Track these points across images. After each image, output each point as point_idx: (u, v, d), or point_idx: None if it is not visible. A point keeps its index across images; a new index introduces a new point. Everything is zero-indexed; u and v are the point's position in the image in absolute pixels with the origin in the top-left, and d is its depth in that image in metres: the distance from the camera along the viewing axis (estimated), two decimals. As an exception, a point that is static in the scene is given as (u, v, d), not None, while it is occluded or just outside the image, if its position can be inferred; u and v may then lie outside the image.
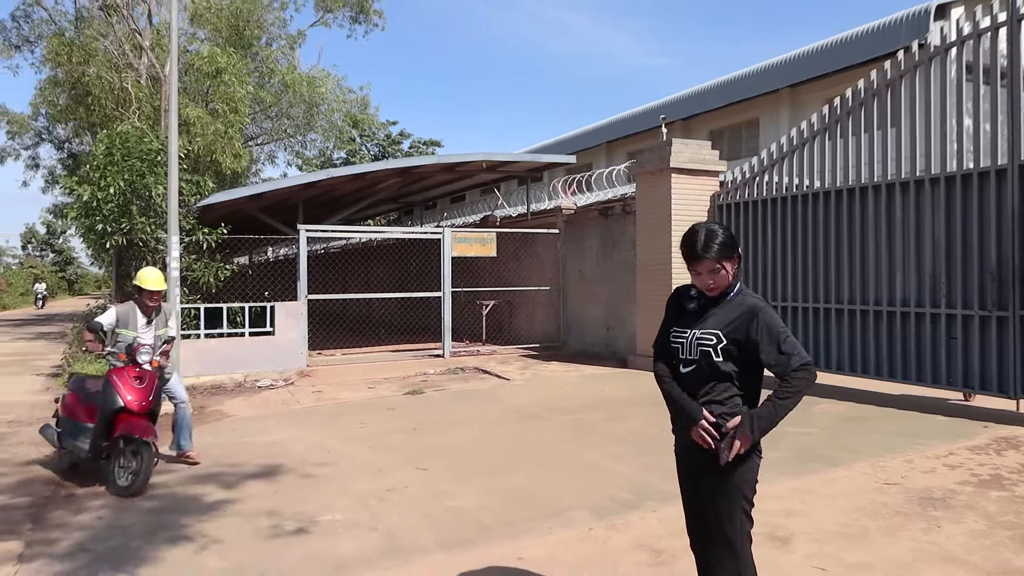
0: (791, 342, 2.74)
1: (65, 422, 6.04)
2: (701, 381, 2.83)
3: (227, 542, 4.49)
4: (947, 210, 8.05)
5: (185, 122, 15.81)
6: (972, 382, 7.75)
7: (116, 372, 5.74)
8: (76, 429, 5.87)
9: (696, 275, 2.87)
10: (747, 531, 2.83)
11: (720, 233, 2.82)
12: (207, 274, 11.46)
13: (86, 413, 5.89)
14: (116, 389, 5.63)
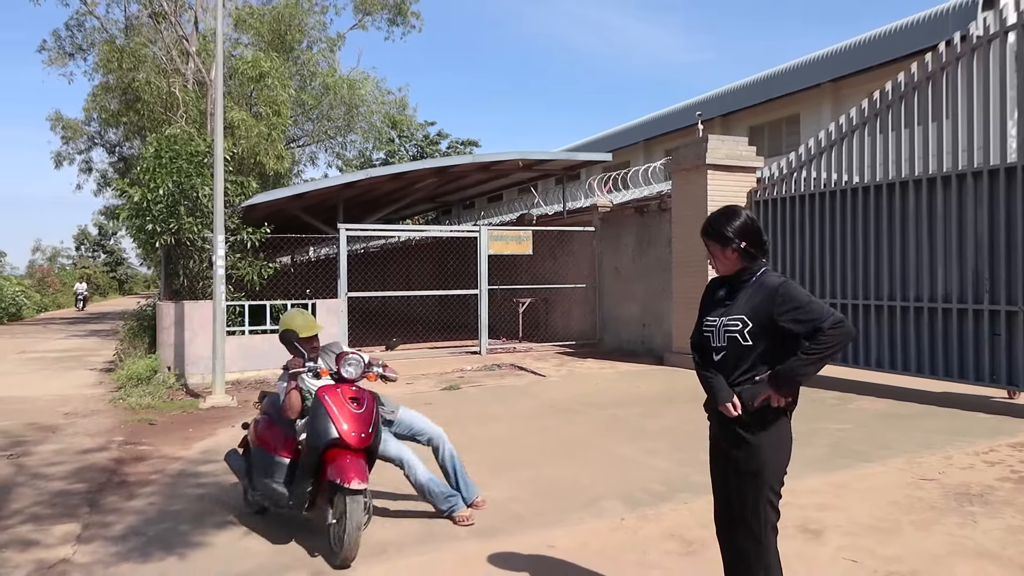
0: (816, 307, 2.72)
1: (258, 454, 4.64)
2: (732, 365, 2.86)
3: (271, 527, 4.67)
4: (990, 204, 7.90)
5: (230, 125, 16.24)
6: (1017, 379, 7.60)
7: (328, 391, 4.22)
8: (271, 465, 4.47)
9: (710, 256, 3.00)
10: (772, 522, 2.83)
11: (724, 219, 2.90)
12: (251, 272, 11.78)
13: (285, 444, 4.51)
14: (329, 414, 4.11)
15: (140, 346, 12.99)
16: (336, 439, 4.05)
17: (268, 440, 4.60)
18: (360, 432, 4.11)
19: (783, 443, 2.84)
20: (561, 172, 16.18)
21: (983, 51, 8.04)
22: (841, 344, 2.68)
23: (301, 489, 4.24)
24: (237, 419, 8.18)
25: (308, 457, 4.16)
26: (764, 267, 2.91)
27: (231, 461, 5.00)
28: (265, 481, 4.48)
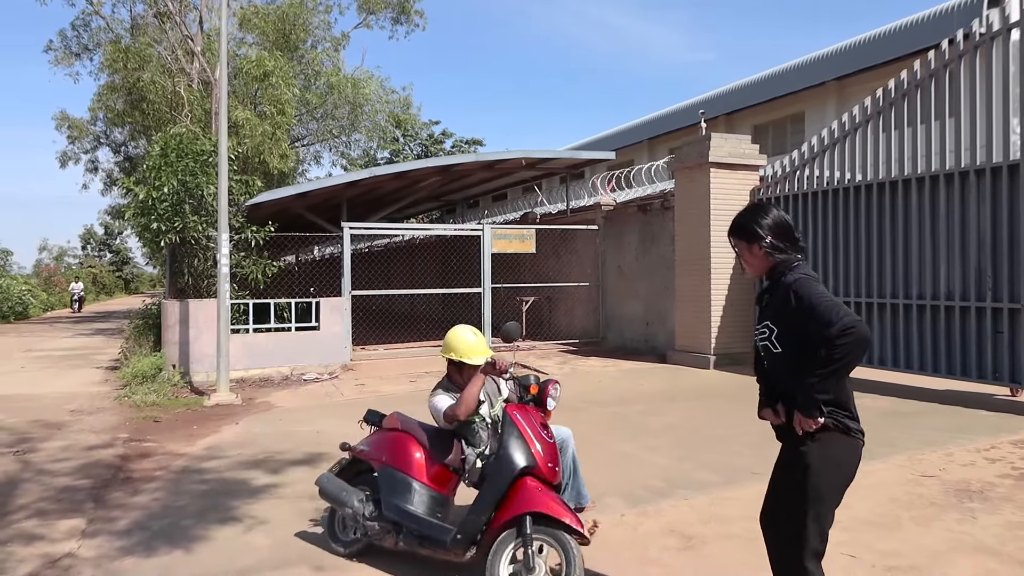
0: (828, 307, 2.48)
1: (385, 476, 3.93)
2: (775, 372, 2.73)
3: (273, 522, 4.72)
4: (993, 202, 7.89)
5: (234, 124, 16.31)
6: (1019, 377, 7.60)
7: (519, 411, 3.64)
8: (407, 492, 3.83)
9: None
10: (815, 548, 2.61)
11: (748, 214, 2.78)
12: (255, 271, 11.84)
13: (431, 470, 3.91)
14: (524, 436, 3.52)
15: (145, 344, 13.06)
16: (531, 466, 3.46)
17: (410, 459, 3.90)
18: (553, 463, 3.57)
19: (835, 462, 2.60)
20: (565, 171, 16.19)
21: (986, 48, 8.03)
22: (852, 356, 2.45)
23: (476, 521, 3.49)
24: (242, 417, 8.25)
25: (497, 483, 3.47)
26: (796, 264, 2.70)
27: (328, 486, 4.15)
28: (403, 507, 3.77)
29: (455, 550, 3.54)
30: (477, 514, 3.49)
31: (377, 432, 4.24)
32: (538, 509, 3.32)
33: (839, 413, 2.60)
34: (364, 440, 4.25)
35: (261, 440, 7.06)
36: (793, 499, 2.65)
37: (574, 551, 3.28)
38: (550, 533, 3.34)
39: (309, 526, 4.63)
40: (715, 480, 5.32)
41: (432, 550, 3.66)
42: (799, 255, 2.72)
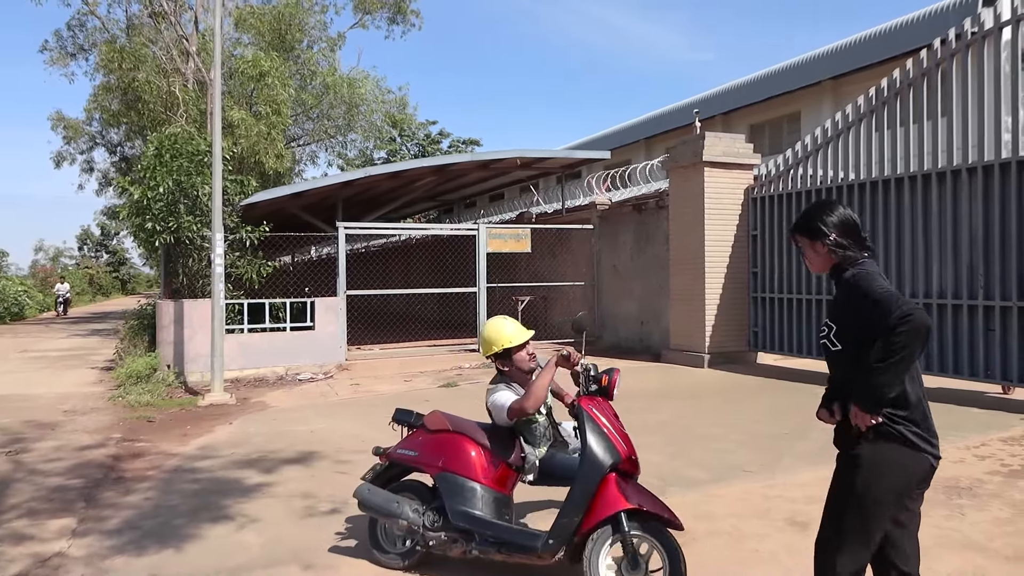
0: (883, 299, 2.40)
1: (447, 483, 3.69)
2: (836, 372, 2.67)
3: (265, 521, 4.73)
4: (984, 200, 7.91)
5: (230, 124, 16.31)
6: (1011, 375, 7.62)
7: (595, 404, 3.47)
8: (473, 497, 3.62)
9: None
10: (856, 559, 2.51)
11: (814, 210, 2.72)
12: (250, 271, 11.84)
13: (494, 471, 3.70)
14: (605, 431, 3.38)
15: (140, 344, 13.05)
16: (617, 461, 3.32)
17: (475, 466, 3.67)
18: (634, 454, 3.46)
19: (891, 463, 2.48)
20: (560, 170, 16.21)
21: (978, 47, 8.05)
22: (913, 345, 2.33)
23: (569, 524, 3.31)
24: (236, 416, 8.26)
25: (586, 483, 3.29)
26: (860, 261, 2.61)
27: (372, 497, 3.84)
28: (483, 518, 3.56)
29: (544, 555, 3.37)
30: (569, 516, 3.31)
31: (421, 434, 3.94)
32: (633, 506, 3.22)
33: (902, 421, 2.47)
34: (404, 443, 3.97)
35: (255, 439, 7.07)
36: (841, 500, 2.55)
37: (675, 547, 3.19)
38: (649, 529, 3.24)
39: (301, 523, 4.64)
40: (705, 478, 5.34)
41: (515, 555, 3.47)
42: (865, 254, 2.63)
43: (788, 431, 6.71)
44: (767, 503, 4.76)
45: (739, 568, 3.79)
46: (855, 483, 2.50)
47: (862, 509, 2.49)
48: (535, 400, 3.56)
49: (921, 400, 2.51)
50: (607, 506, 3.24)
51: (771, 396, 8.45)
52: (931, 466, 2.54)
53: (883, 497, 2.47)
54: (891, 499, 2.49)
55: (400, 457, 3.94)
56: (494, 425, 3.88)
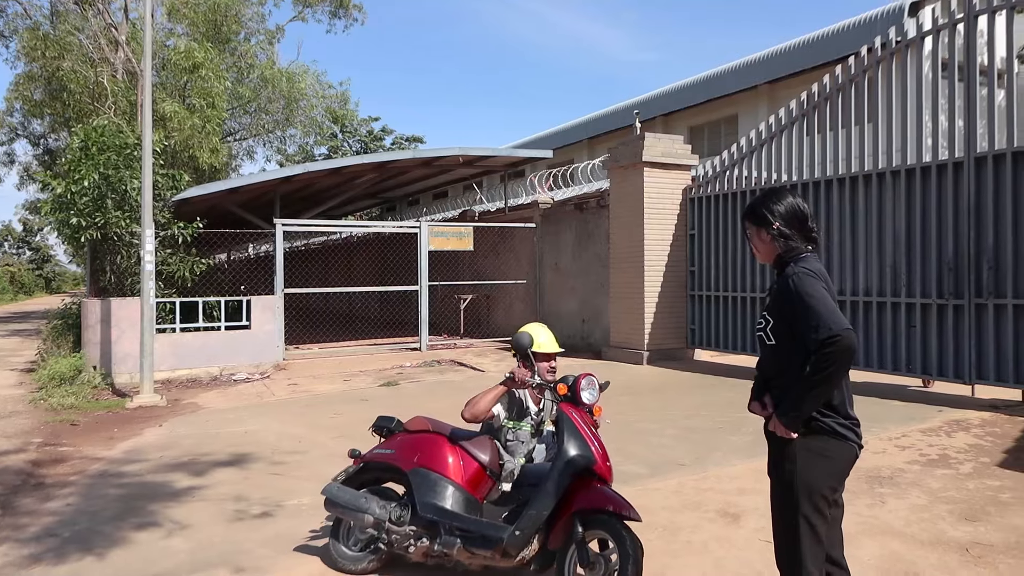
0: (815, 312, 2.40)
1: (419, 477, 3.67)
2: (766, 366, 2.68)
3: (194, 525, 4.58)
4: (907, 202, 8.26)
5: (162, 117, 15.77)
6: (930, 369, 7.98)
7: (573, 409, 3.47)
8: (444, 492, 3.61)
9: None
10: (811, 550, 2.50)
11: (763, 198, 2.68)
12: (182, 268, 11.47)
13: (467, 472, 3.68)
14: (582, 432, 3.39)
15: (64, 345, 12.49)
16: (592, 462, 3.32)
17: (449, 464, 3.67)
18: (607, 460, 3.43)
19: (823, 454, 2.51)
20: (504, 169, 16.23)
21: (901, 56, 8.40)
22: (835, 367, 2.37)
23: (537, 517, 3.28)
24: (166, 419, 7.99)
25: (558, 477, 3.29)
26: (803, 255, 2.60)
27: (340, 494, 3.82)
28: (451, 510, 3.54)
29: (510, 548, 3.31)
30: (538, 509, 3.28)
31: (400, 436, 3.94)
32: (592, 505, 3.24)
33: (829, 414, 2.51)
34: (382, 444, 3.97)
35: (185, 442, 6.85)
36: (784, 502, 2.57)
37: (632, 543, 3.16)
38: (614, 528, 3.22)
39: (232, 527, 4.52)
40: (642, 472, 5.42)
41: (478, 551, 3.40)
42: (810, 247, 2.62)
43: (722, 425, 6.87)
44: (700, 495, 4.87)
45: (672, 559, 3.86)
46: (788, 476, 2.53)
47: (810, 500, 2.50)
48: (471, 411, 3.71)
49: (845, 393, 2.56)
50: (578, 504, 3.26)
51: (707, 392, 8.64)
52: (856, 454, 2.60)
53: (816, 485, 2.50)
54: (824, 487, 2.52)
55: (376, 456, 3.91)
56: (475, 432, 3.90)
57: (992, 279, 7.41)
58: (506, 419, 3.85)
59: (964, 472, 5.20)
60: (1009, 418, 6.83)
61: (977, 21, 7.72)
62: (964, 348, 7.63)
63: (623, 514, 3.21)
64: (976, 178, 7.59)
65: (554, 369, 3.91)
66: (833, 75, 9.20)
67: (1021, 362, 7.17)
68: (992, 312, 7.41)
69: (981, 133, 7.69)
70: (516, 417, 3.87)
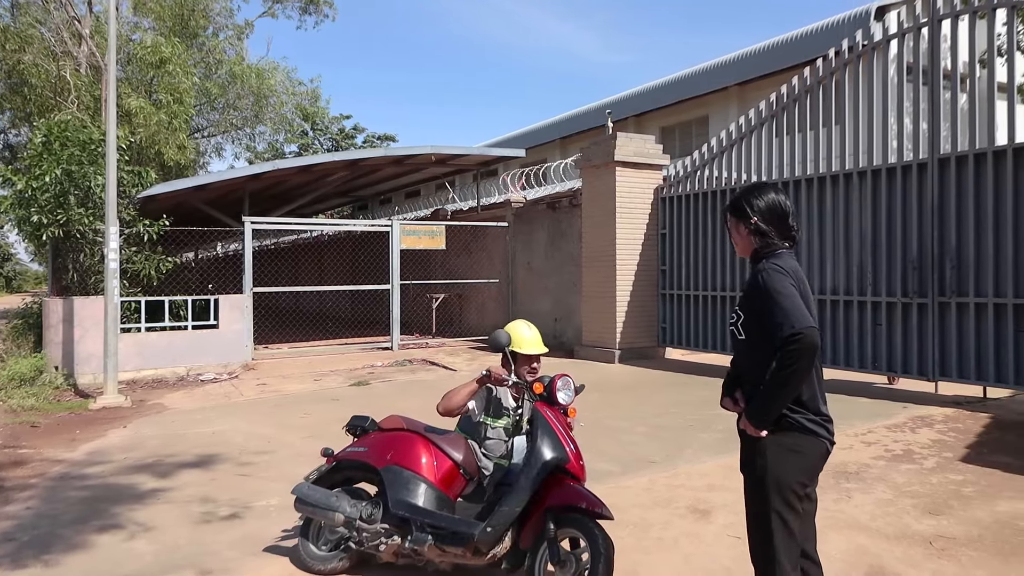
0: (781, 308, 2.41)
1: (392, 475, 3.64)
2: (739, 361, 2.70)
3: (159, 528, 4.49)
4: (873, 203, 8.40)
5: (127, 112, 15.47)
6: (895, 366, 8.13)
7: (548, 408, 3.47)
8: (416, 489, 3.58)
9: None
10: (784, 545, 2.49)
11: (746, 191, 2.66)
12: (148, 267, 11.26)
13: (440, 470, 3.66)
14: (556, 430, 3.38)
15: (25, 345, 12.18)
16: (565, 460, 3.31)
17: (422, 462, 3.63)
18: (580, 459, 3.43)
19: (794, 450, 2.51)
20: (476, 167, 16.19)
21: (868, 58, 8.55)
22: (798, 364, 2.38)
23: (509, 513, 3.27)
24: (131, 420, 7.83)
25: (531, 474, 3.26)
26: (778, 251, 2.59)
27: (311, 493, 3.79)
28: (423, 507, 3.51)
29: (481, 545, 3.29)
30: (510, 506, 3.26)
31: (375, 434, 3.92)
32: (564, 502, 3.23)
33: (800, 411, 2.52)
34: (356, 442, 3.93)
35: (150, 443, 6.72)
36: (756, 498, 2.58)
37: (598, 536, 3.15)
38: (586, 526, 3.21)
39: (198, 529, 4.43)
40: (614, 470, 5.44)
41: (450, 548, 3.37)
42: (787, 244, 2.62)
43: (692, 423, 6.92)
44: (671, 492, 4.89)
45: (643, 556, 3.87)
46: (760, 471, 2.54)
47: (781, 495, 2.51)
48: (444, 405, 3.73)
49: (816, 389, 2.56)
50: (551, 501, 3.25)
51: (678, 390, 8.70)
52: (827, 450, 2.61)
53: (787, 481, 2.50)
54: (795, 483, 2.52)
55: (349, 454, 3.87)
56: (450, 430, 3.89)
57: (955, 278, 7.57)
58: (482, 416, 3.82)
59: (928, 467, 5.30)
60: (971, 414, 6.98)
61: (941, 26, 7.87)
62: (928, 346, 7.79)
63: (595, 512, 3.19)
64: (940, 179, 7.75)
65: (535, 370, 3.85)
66: (802, 77, 9.33)
67: (983, 359, 7.34)
68: (955, 311, 7.57)
69: (945, 135, 7.85)
70: (493, 414, 3.84)
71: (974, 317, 7.40)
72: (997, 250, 7.25)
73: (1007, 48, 7.46)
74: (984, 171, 7.37)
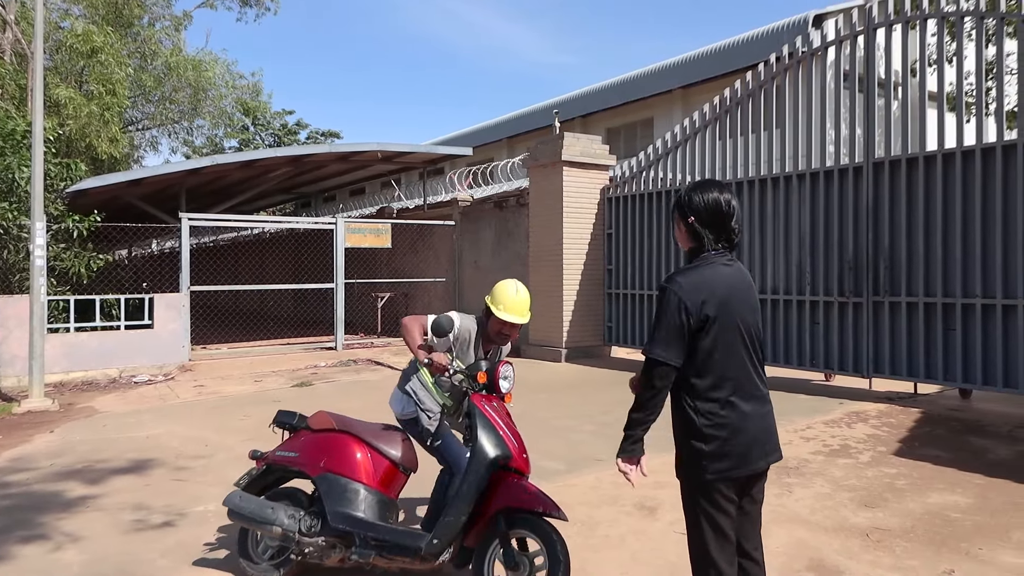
0: (654, 329, 2.44)
1: (328, 484, 3.45)
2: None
3: (88, 537, 4.27)
4: (812, 204, 8.64)
5: (55, 103, 14.80)
6: (832, 363, 8.38)
7: (486, 401, 3.33)
8: (356, 499, 3.41)
9: None
10: (705, 542, 2.50)
11: (692, 188, 2.60)
12: (78, 264, 10.78)
13: (378, 472, 3.51)
14: (496, 426, 3.24)
15: (-57, 346, 11.51)
16: (508, 457, 3.17)
17: (359, 466, 3.45)
18: (524, 452, 3.30)
19: (678, 438, 2.56)
20: (423, 166, 16.06)
21: (807, 64, 8.78)
22: (654, 388, 2.44)
23: (455, 523, 3.13)
24: (58, 424, 7.47)
25: (474, 479, 3.12)
26: (704, 255, 2.53)
27: (244, 504, 3.56)
28: (365, 519, 3.34)
29: (428, 556, 3.18)
30: (456, 515, 3.13)
31: (304, 434, 3.71)
32: (519, 505, 3.09)
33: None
34: (284, 445, 3.71)
35: (79, 448, 6.42)
36: (683, 497, 2.64)
37: (563, 546, 3.07)
38: (537, 527, 3.10)
39: (130, 538, 4.24)
40: (560, 468, 5.44)
41: (396, 558, 3.27)
42: (720, 248, 2.53)
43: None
44: (617, 490, 4.91)
45: (591, 554, 3.87)
46: (679, 464, 2.58)
47: (690, 488, 2.55)
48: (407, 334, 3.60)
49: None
50: (497, 504, 3.13)
51: (623, 388, 8.73)
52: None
53: (701, 469, 2.48)
54: (718, 484, 2.48)
55: (279, 459, 3.65)
56: (385, 424, 3.75)
57: (888, 278, 7.84)
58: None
59: (863, 461, 5.47)
60: (903, 409, 7.24)
61: (876, 34, 8.15)
62: (863, 343, 8.05)
63: (551, 515, 3.09)
64: (874, 183, 8.02)
65: (506, 339, 3.72)
66: (744, 81, 9.53)
67: (914, 357, 7.62)
68: (888, 309, 7.84)
69: (879, 140, 8.12)
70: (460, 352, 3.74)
71: (906, 316, 7.68)
72: (927, 251, 7.54)
73: (937, 58, 7.76)
74: (916, 175, 7.66)
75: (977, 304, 7.09)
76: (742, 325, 2.50)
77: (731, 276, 2.52)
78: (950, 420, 6.83)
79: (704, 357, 2.43)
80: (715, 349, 2.43)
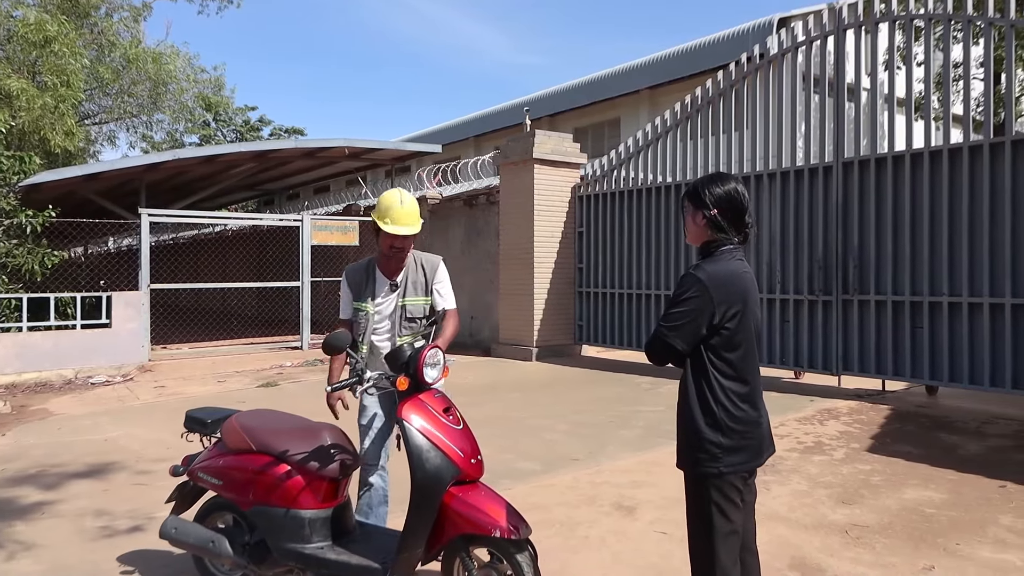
0: (669, 312, 2.46)
1: (265, 518, 3.13)
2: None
3: (44, 546, 4.06)
4: (782, 204, 8.71)
5: (7, 94, 14.26)
6: (802, 361, 8.45)
7: (414, 410, 2.96)
8: (300, 530, 3.07)
9: None
10: (721, 538, 2.45)
11: (707, 180, 2.58)
12: (31, 261, 10.37)
13: (316, 489, 3.11)
14: (433, 441, 2.90)
15: None
16: (455, 474, 2.87)
17: (294, 493, 3.07)
18: (475, 454, 2.98)
19: (692, 431, 2.49)
20: (390, 163, 15.86)
21: (777, 65, 8.85)
22: (652, 357, 2.51)
23: (410, 559, 2.89)
24: (10, 427, 7.17)
25: (426, 506, 2.85)
26: (724, 247, 2.53)
27: (185, 536, 3.32)
28: (313, 554, 3.03)
29: None
30: (411, 550, 2.88)
31: (221, 455, 3.33)
32: (475, 531, 2.79)
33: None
34: (205, 464, 3.35)
35: (33, 452, 6.14)
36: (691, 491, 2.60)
37: (522, 564, 2.77)
38: (500, 547, 2.82)
39: (92, 545, 4.04)
40: (536, 468, 5.36)
41: None
42: (736, 240, 2.54)
43: (612, 419, 6.95)
44: (595, 489, 4.85)
45: (571, 555, 3.80)
46: (685, 468, 2.52)
47: (693, 480, 2.51)
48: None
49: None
50: (451, 532, 2.86)
51: (595, 387, 8.74)
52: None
53: (699, 463, 2.46)
54: (724, 479, 2.46)
55: (204, 484, 3.37)
56: (305, 424, 3.40)
57: (857, 276, 7.93)
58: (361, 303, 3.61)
59: (838, 458, 5.49)
60: (873, 406, 7.32)
61: (845, 35, 8.24)
62: (832, 341, 8.13)
63: (512, 539, 2.77)
64: (843, 182, 8.10)
65: (401, 251, 3.46)
66: (715, 80, 9.57)
67: (882, 354, 7.72)
68: (857, 307, 7.93)
69: (849, 140, 8.21)
70: (360, 298, 3.59)
71: (875, 314, 7.77)
72: (896, 250, 7.64)
73: (905, 59, 7.88)
74: (884, 175, 7.75)
75: (944, 302, 7.20)
76: (754, 322, 2.54)
77: (746, 272, 2.56)
78: (919, 416, 6.92)
79: (729, 351, 2.45)
80: (739, 344, 2.46)
